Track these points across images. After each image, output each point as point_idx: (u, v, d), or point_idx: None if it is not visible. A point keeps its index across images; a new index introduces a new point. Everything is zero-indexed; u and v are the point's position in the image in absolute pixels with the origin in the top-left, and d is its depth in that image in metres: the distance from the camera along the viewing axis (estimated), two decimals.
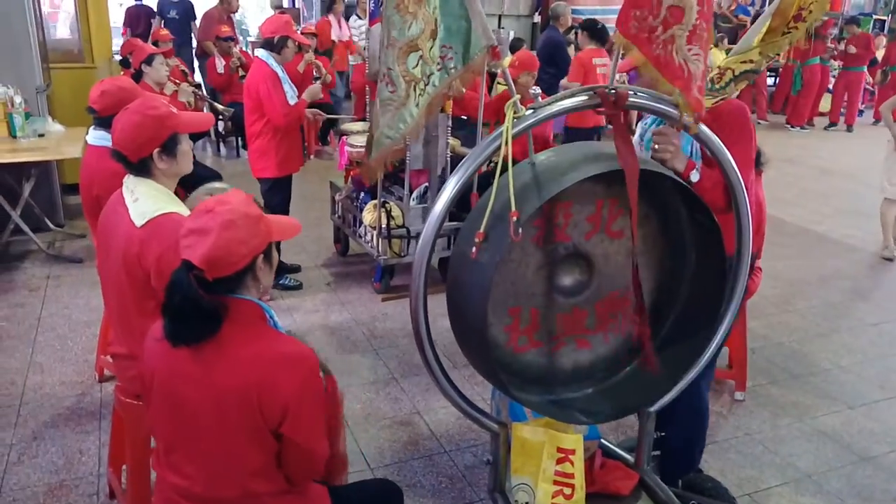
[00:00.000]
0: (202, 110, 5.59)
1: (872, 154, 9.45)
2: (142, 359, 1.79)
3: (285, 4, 12.60)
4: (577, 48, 7.31)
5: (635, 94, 2.10)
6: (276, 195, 4.58)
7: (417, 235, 4.43)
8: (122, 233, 2.25)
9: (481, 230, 1.96)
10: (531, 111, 2.02)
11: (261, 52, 4.43)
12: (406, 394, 3.59)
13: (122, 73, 6.04)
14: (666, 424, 2.75)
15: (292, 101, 4.42)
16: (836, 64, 12.10)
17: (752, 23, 3.13)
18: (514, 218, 1.89)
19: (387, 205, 4.41)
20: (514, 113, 2.00)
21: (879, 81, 11.94)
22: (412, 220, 4.50)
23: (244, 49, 9.82)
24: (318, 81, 7.92)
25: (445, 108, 4.36)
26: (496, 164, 1.99)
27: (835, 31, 12.20)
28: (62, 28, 6.72)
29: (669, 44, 1.92)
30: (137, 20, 10.05)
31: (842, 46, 11.89)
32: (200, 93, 5.38)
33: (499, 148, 1.98)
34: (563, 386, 2.38)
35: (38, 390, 3.51)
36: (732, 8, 14.66)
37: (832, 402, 3.71)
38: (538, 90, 2.24)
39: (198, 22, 9.88)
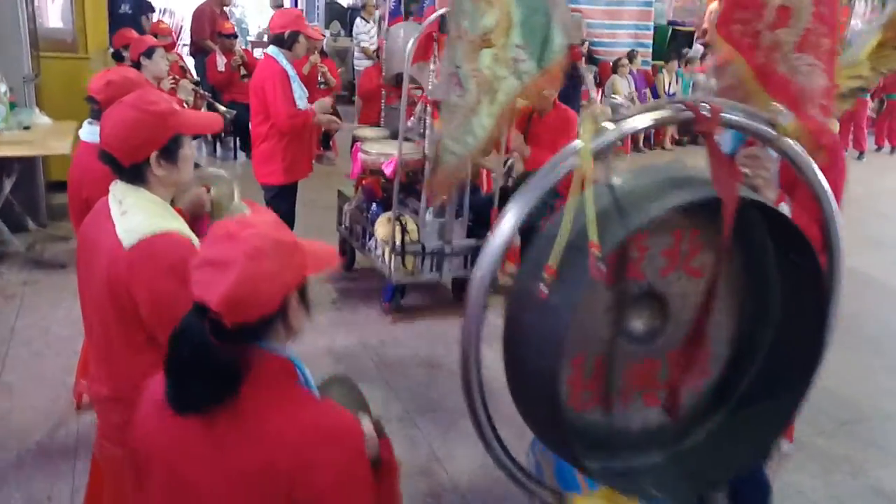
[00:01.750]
0: (200, 109, 5.23)
1: (880, 181, 9.24)
2: (129, 405, 1.43)
3: (287, 4, 12.26)
4: None
5: (729, 109, 1.77)
6: (282, 203, 4.22)
7: (433, 253, 4.10)
8: (106, 252, 1.88)
9: (551, 264, 1.62)
10: (612, 125, 1.69)
11: (270, 49, 4.08)
12: (423, 434, 3.23)
13: (115, 65, 5.68)
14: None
15: (300, 103, 4.07)
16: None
17: None
18: (595, 251, 1.55)
19: (402, 218, 4.06)
20: (594, 126, 1.66)
21: (876, 109, 11.81)
22: (428, 236, 4.15)
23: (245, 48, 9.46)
24: (324, 86, 7.65)
25: None
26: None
27: None
28: (55, 16, 6.35)
29: (774, 51, 1.58)
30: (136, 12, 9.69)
31: None
32: (200, 90, 5.04)
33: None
34: (630, 451, 2.02)
35: (4, 417, 3.11)
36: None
37: (883, 453, 3.40)
38: (619, 99, 1.90)
39: (155, 16, 9.56)
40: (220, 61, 7.47)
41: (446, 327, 4.24)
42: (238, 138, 7.83)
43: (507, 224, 1.73)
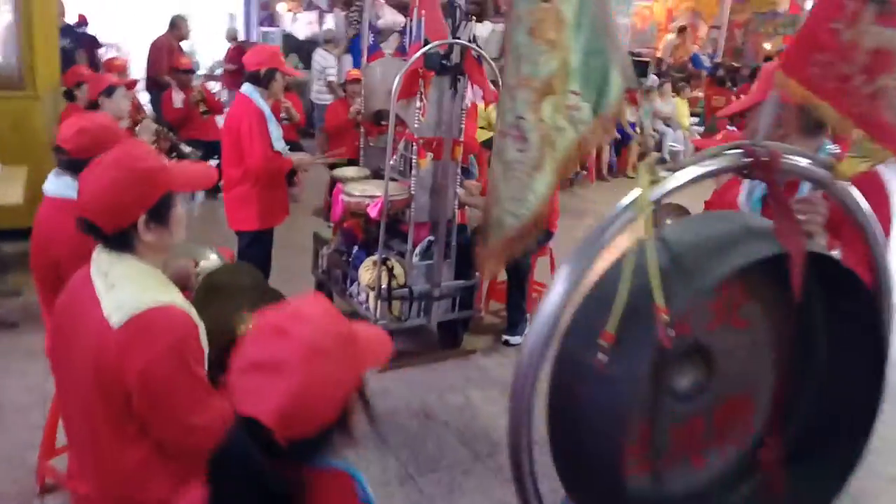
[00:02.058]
0: (163, 150, 4.95)
1: None
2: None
3: (241, 38, 12.03)
4: None
5: (787, 153, 1.63)
6: (258, 251, 3.97)
7: (420, 297, 3.90)
8: (91, 333, 1.62)
9: (610, 330, 1.44)
10: (669, 174, 1.52)
11: (245, 88, 3.85)
12: (426, 497, 2.99)
13: (66, 105, 5.37)
14: None
15: (277, 144, 3.85)
16: None
17: (712, 74, 2.77)
18: (663, 316, 1.38)
19: (388, 262, 3.85)
20: (652, 176, 1.50)
21: None
22: (415, 280, 3.94)
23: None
24: (287, 121, 7.41)
25: (455, 153, 3.86)
26: None
27: None
28: None
29: (877, 99, 1.43)
30: (80, 48, 9.33)
31: None
32: (164, 131, 4.77)
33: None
34: None
35: None
36: (685, 59, 14.69)
37: None
38: (676, 146, 1.74)
39: (103, 51, 9.28)
40: (178, 97, 7.17)
41: (436, 374, 4.04)
42: None
43: (558, 290, 1.55)
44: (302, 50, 11.54)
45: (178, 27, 7.83)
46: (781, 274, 1.71)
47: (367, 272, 3.91)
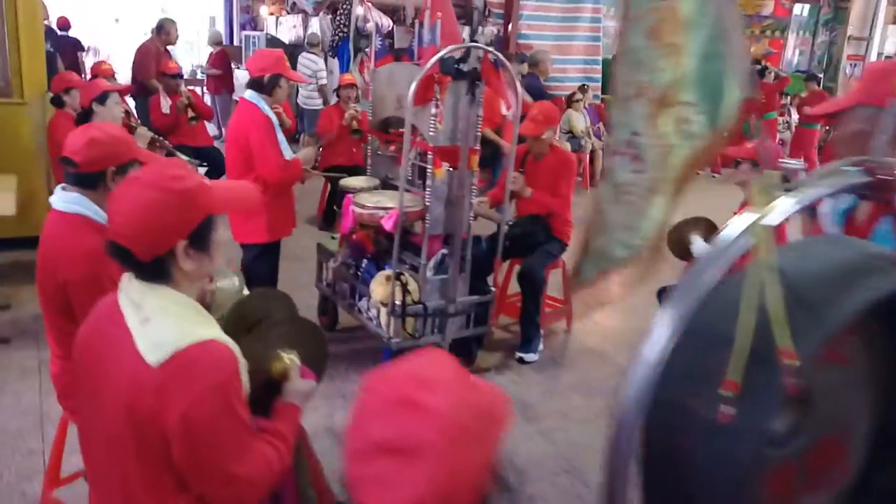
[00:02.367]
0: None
1: None
2: None
3: (225, 42, 11.77)
4: None
5: None
6: (264, 265, 3.77)
7: (435, 313, 3.72)
8: (124, 371, 1.45)
9: (734, 378, 1.27)
10: (790, 196, 1.36)
11: (249, 94, 3.65)
12: None
13: (54, 112, 5.12)
14: None
15: (287, 154, 3.66)
16: (783, 119, 12.17)
17: None
18: (791, 361, 1.23)
19: (402, 277, 3.66)
20: (768, 198, 1.33)
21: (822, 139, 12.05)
22: (429, 295, 3.76)
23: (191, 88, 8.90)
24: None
25: (471, 163, 3.69)
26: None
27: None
28: None
29: None
30: (62, 52, 9.04)
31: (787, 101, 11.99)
32: (159, 139, 4.54)
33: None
34: None
35: None
36: None
37: None
38: (795, 163, 1.58)
39: (85, 57, 9.01)
40: (165, 103, 6.91)
41: None
42: None
43: (663, 334, 1.38)
44: (286, 54, 11.32)
45: (165, 31, 7.57)
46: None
47: (380, 287, 3.72)
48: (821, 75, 14.34)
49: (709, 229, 3.84)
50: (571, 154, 4.46)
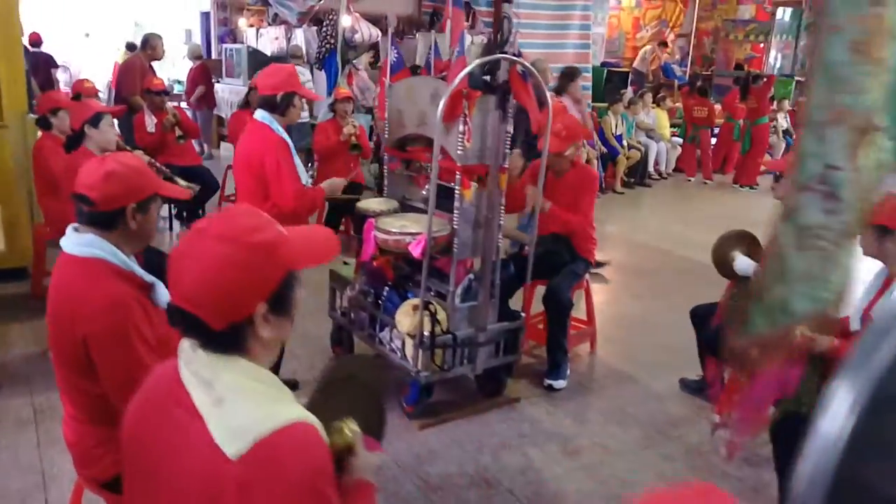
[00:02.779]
0: None
1: None
2: None
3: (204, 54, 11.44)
4: None
5: None
6: None
7: (465, 343, 3.48)
8: (197, 465, 1.19)
9: None
10: None
11: (261, 115, 3.39)
12: None
13: (39, 133, 4.81)
14: None
15: (304, 179, 3.40)
16: (773, 124, 12.13)
17: (685, 87, 2.51)
18: None
19: (431, 306, 3.42)
20: None
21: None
22: (458, 324, 3.52)
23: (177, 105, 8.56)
24: None
25: (501, 182, 3.46)
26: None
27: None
28: None
29: None
30: (35, 69, 8.65)
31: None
32: (156, 164, 4.25)
33: None
34: None
35: None
36: (654, 67, 14.62)
37: None
38: None
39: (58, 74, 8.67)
40: (150, 121, 6.62)
41: (484, 428, 3.61)
42: (169, 204, 6.98)
43: (843, 404, 1.16)
44: (267, 66, 11.04)
45: (151, 46, 7.27)
46: None
47: (406, 318, 3.46)
48: (803, 79, 14.35)
49: (751, 244, 3.65)
50: (593, 170, 4.25)
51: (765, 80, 11.56)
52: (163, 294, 2.09)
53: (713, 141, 11.87)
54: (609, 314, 5.25)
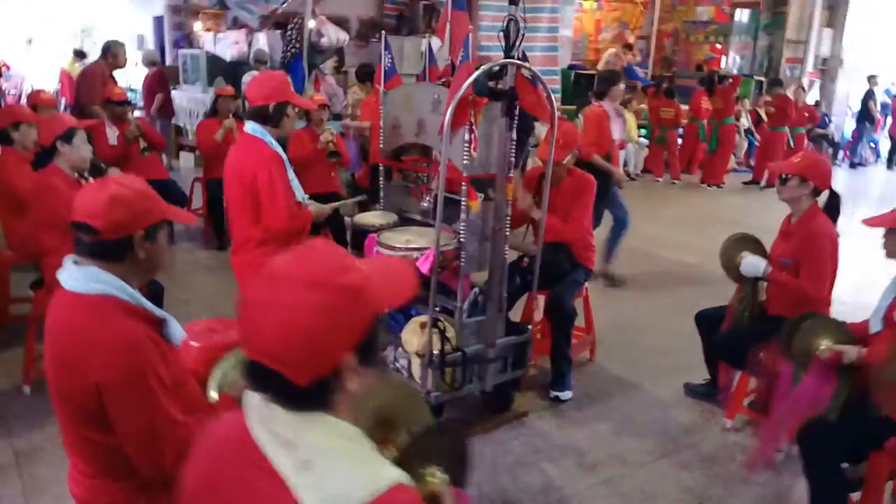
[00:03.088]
0: None
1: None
2: None
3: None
4: None
5: None
6: None
7: (474, 360, 3.33)
8: None
9: None
10: None
11: (251, 127, 3.16)
12: None
13: None
14: None
15: (299, 195, 3.20)
16: (740, 124, 12.28)
17: (651, 88, 2.52)
18: None
19: (440, 323, 3.25)
20: None
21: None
22: (466, 340, 3.37)
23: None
24: None
25: (507, 191, 3.31)
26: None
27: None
28: None
29: None
30: None
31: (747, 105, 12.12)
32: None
33: None
34: None
35: None
36: (618, 66, 14.66)
37: None
38: None
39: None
40: (112, 133, 6.27)
41: (497, 446, 3.47)
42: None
43: None
44: (230, 73, 10.73)
45: (112, 54, 6.96)
46: None
47: (415, 337, 3.30)
48: (762, 79, 14.58)
49: (754, 245, 3.64)
50: (590, 176, 4.14)
51: (730, 80, 11.66)
52: (175, 330, 1.90)
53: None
54: (601, 319, 5.12)
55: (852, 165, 14.94)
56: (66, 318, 1.79)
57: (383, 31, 4.34)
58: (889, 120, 15.23)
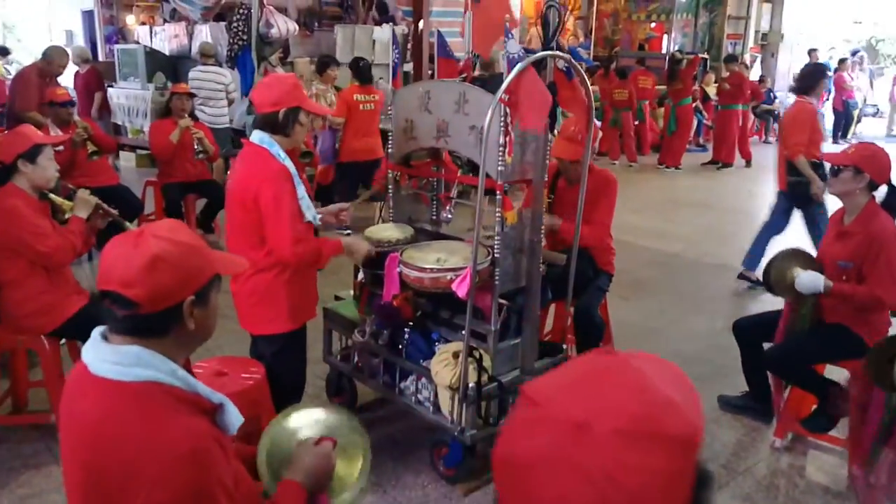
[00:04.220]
0: (101, 227, 3.61)
1: (756, 191, 9.37)
2: None
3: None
4: None
5: None
6: (290, 358, 2.89)
7: (510, 390, 2.99)
8: None
9: None
10: None
11: (258, 136, 2.72)
12: None
13: None
14: None
15: (308, 213, 2.77)
16: (696, 104, 12.21)
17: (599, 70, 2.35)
18: None
19: (475, 352, 2.89)
20: None
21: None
22: (500, 366, 3.01)
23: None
24: (202, 155, 6.15)
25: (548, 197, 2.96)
26: None
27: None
28: None
29: None
30: None
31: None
32: (103, 205, 3.44)
33: None
34: None
35: None
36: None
37: None
38: None
39: None
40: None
41: None
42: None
43: None
44: (169, 68, 10.04)
45: (47, 61, 6.32)
46: None
47: (446, 368, 2.92)
48: (706, 56, 14.59)
49: (806, 262, 3.29)
50: (611, 174, 3.82)
51: (688, 60, 11.53)
52: (232, 415, 1.49)
53: None
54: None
55: None
56: (102, 417, 1.34)
57: (419, 16, 3.89)
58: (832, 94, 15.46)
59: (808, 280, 3.10)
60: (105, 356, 1.37)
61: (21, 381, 3.56)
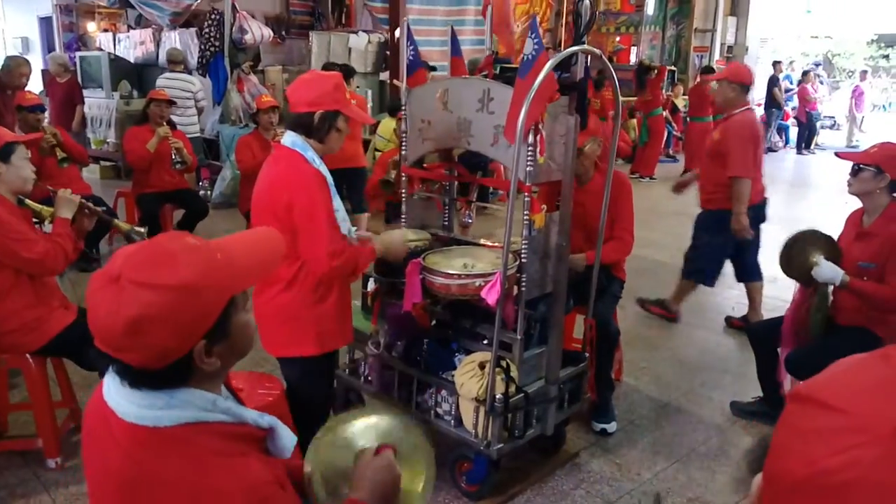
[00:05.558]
0: (89, 228, 3.37)
1: None
2: None
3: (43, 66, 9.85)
4: None
5: None
6: (314, 383, 2.66)
7: (536, 401, 2.85)
8: None
9: None
10: None
11: (291, 139, 2.49)
12: None
13: None
14: None
15: (344, 225, 2.55)
16: (666, 114, 12.29)
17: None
18: None
19: (503, 362, 2.73)
20: None
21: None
22: (524, 377, 2.86)
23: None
24: (180, 165, 5.90)
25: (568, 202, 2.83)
26: None
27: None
28: None
29: None
30: None
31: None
32: (87, 204, 3.21)
33: None
34: None
35: None
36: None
37: None
38: None
39: None
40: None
41: (561, 501, 2.98)
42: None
43: None
44: (133, 75, 9.73)
45: (6, 71, 6.02)
46: None
47: (472, 380, 2.76)
48: (673, 68, 14.75)
49: (830, 247, 3.21)
50: (624, 175, 3.70)
51: (656, 71, 11.60)
52: (286, 438, 1.30)
53: None
54: None
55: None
56: (138, 474, 1.13)
57: (396, 25, 3.73)
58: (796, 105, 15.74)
59: (828, 271, 3.05)
60: (131, 398, 1.15)
61: (1, 404, 3.29)
